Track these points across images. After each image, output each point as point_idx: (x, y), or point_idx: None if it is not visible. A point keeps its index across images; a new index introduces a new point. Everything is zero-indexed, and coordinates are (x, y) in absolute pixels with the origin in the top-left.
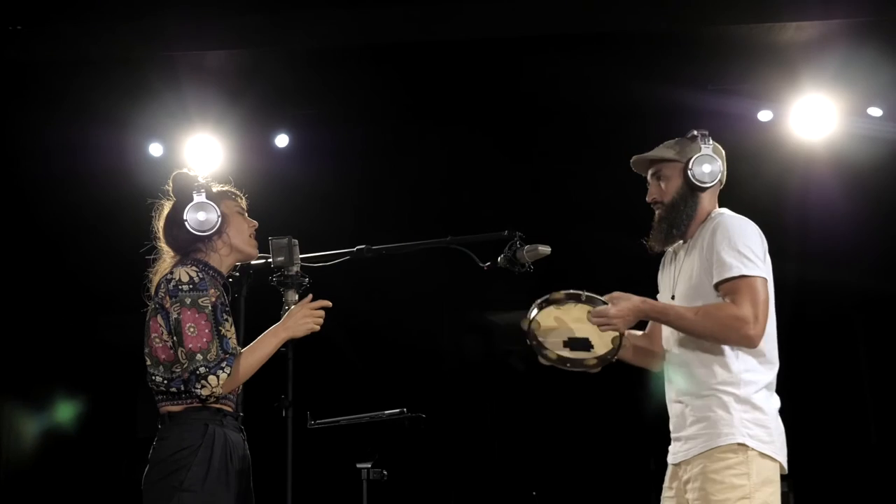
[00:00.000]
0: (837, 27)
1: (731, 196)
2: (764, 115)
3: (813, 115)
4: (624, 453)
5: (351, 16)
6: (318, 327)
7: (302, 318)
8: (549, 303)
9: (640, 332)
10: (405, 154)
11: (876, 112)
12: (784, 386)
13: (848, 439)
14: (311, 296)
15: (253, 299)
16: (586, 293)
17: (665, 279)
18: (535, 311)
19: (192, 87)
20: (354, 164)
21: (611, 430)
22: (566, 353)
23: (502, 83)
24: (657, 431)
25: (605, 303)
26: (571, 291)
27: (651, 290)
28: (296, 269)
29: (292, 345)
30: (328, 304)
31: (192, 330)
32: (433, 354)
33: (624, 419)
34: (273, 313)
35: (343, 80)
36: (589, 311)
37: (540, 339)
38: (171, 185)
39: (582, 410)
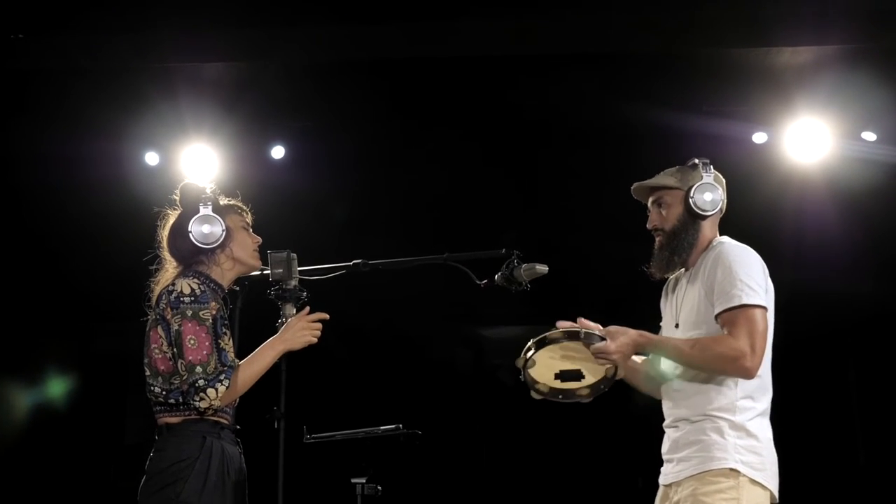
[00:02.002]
0: (832, 52)
1: (727, 217)
2: (759, 137)
3: (807, 138)
4: (612, 471)
5: (347, 31)
6: (315, 340)
7: (299, 330)
8: (545, 342)
9: (643, 358)
10: (400, 167)
11: (870, 137)
12: (773, 406)
13: (836, 460)
14: (308, 308)
15: (248, 312)
16: (584, 330)
17: (668, 308)
18: (531, 352)
19: (188, 98)
20: (350, 177)
21: (599, 447)
22: (557, 385)
23: (498, 101)
24: (646, 450)
25: (601, 338)
26: (569, 330)
27: (643, 308)
28: (294, 282)
29: (286, 357)
30: (325, 316)
31: (192, 342)
32: (426, 367)
33: (613, 437)
34: (269, 326)
35: (339, 94)
36: (585, 347)
37: (532, 374)
38: (178, 195)
39: (570, 427)
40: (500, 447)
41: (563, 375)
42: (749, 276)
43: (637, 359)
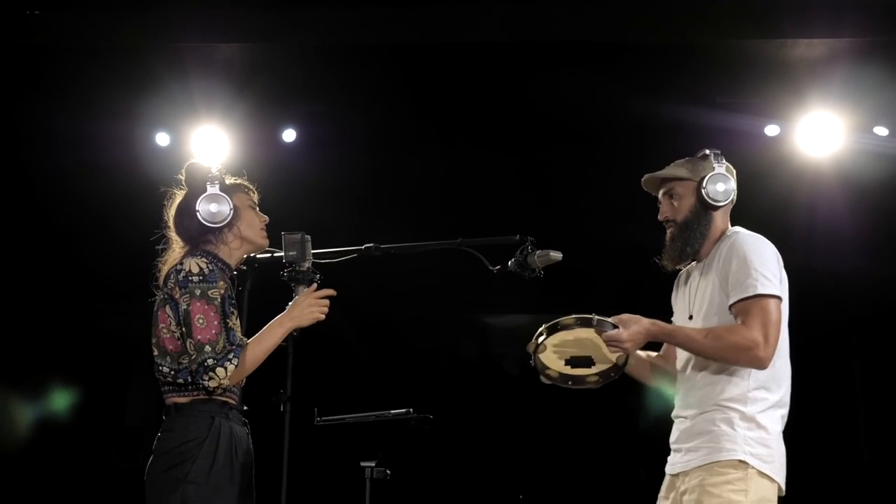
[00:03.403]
0: (845, 46)
1: (739, 211)
2: (771, 130)
3: (820, 132)
4: (614, 462)
5: (361, 14)
6: (323, 316)
7: (307, 307)
8: (557, 328)
9: (655, 354)
10: (412, 152)
11: (882, 131)
12: None
13: (840, 456)
14: (315, 285)
15: (257, 294)
16: (597, 317)
17: (680, 300)
18: (543, 336)
19: (199, 79)
20: (361, 161)
21: (602, 438)
22: (567, 371)
23: (509, 88)
24: (649, 441)
25: (614, 325)
26: (582, 316)
27: (653, 299)
28: (307, 264)
29: (293, 340)
30: (333, 293)
31: (201, 321)
32: (433, 354)
33: (616, 428)
34: (279, 308)
35: (352, 78)
36: (597, 334)
37: (542, 359)
38: (184, 174)
39: (573, 418)
40: (502, 436)
41: (573, 362)
42: (764, 266)
43: (642, 353)
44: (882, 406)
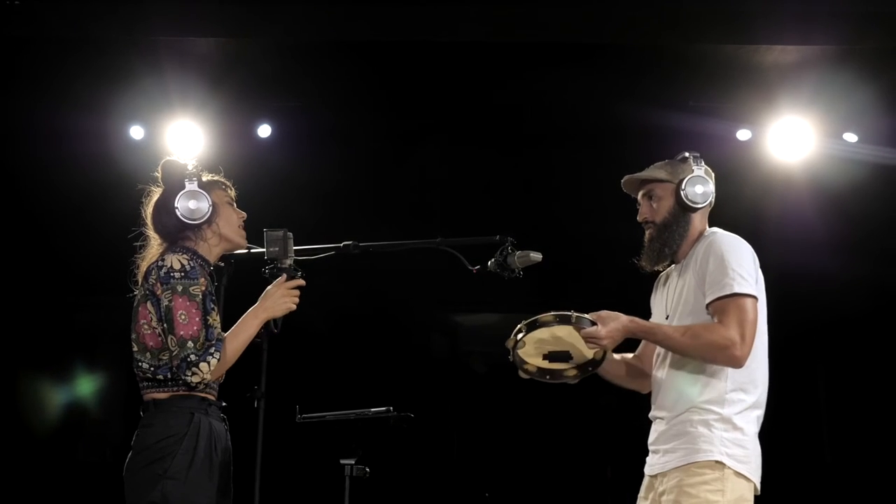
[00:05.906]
0: (818, 52)
1: (710, 213)
2: (743, 134)
3: (790, 137)
4: (582, 460)
5: (337, 11)
6: (294, 307)
7: (280, 297)
8: (536, 325)
9: (630, 355)
10: (387, 149)
11: (852, 138)
12: None
13: (803, 458)
14: (284, 276)
15: (231, 288)
16: (575, 314)
17: (658, 301)
18: (522, 333)
19: (174, 73)
20: (336, 158)
21: (569, 437)
22: (545, 365)
23: (484, 88)
24: (616, 441)
25: (592, 322)
26: (561, 313)
27: (629, 299)
28: (289, 261)
29: (267, 335)
30: (302, 283)
31: (183, 318)
32: (406, 351)
33: (584, 427)
34: (254, 302)
35: (327, 74)
36: (576, 331)
37: (521, 354)
38: (160, 172)
39: (541, 418)
40: (471, 436)
41: (551, 356)
42: (741, 266)
43: (617, 355)
44: (845, 408)
